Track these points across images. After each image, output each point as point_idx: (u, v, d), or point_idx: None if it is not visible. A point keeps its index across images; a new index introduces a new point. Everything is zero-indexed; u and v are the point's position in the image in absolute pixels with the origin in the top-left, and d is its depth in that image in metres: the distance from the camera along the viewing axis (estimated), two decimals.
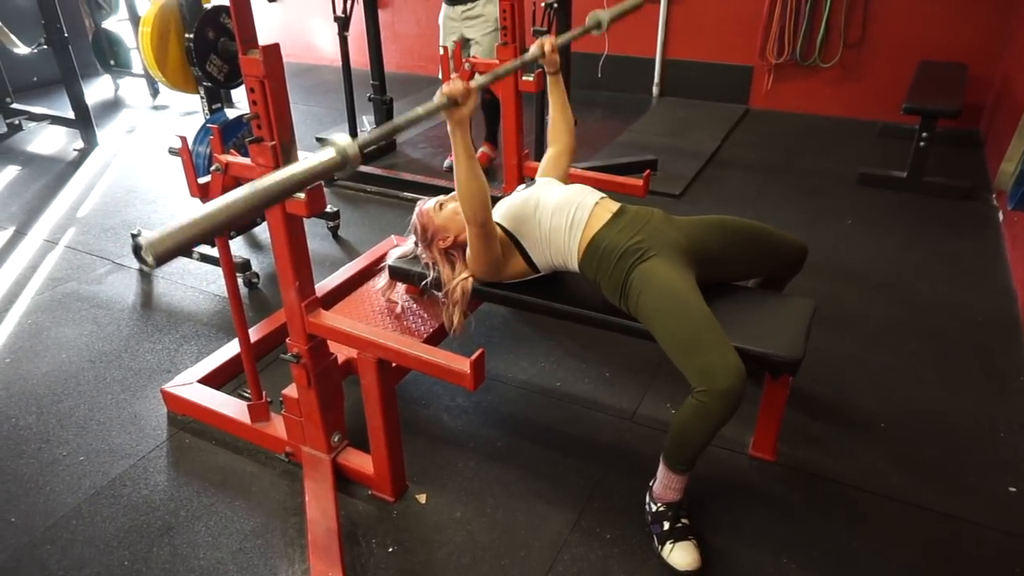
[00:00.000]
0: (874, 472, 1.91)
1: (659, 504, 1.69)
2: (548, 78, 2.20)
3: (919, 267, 2.91)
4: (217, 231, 1.00)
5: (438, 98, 1.59)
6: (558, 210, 1.88)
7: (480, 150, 4.37)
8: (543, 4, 3.44)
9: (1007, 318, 2.55)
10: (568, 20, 3.48)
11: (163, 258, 0.94)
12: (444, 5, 3.94)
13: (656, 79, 5.23)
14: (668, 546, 1.64)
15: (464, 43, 3.87)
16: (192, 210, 0.99)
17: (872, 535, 1.73)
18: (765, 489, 1.87)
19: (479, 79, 1.75)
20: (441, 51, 2.73)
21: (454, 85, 1.61)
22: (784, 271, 2.03)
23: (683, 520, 1.67)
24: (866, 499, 1.83)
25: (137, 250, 0.95)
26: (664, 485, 1.68)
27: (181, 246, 0.96)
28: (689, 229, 1.88)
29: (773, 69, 4.78)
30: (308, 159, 1.19)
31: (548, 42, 2.08)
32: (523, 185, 2.11)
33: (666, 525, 1.66)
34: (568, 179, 2.22)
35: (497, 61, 2.63)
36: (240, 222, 1.36)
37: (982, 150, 4.10)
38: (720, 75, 4.99)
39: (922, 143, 3.46)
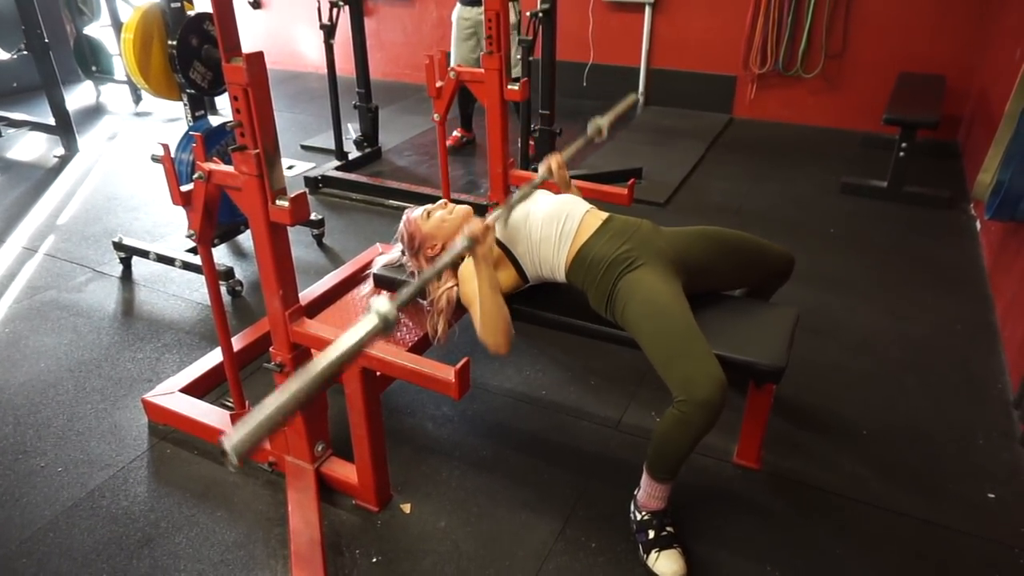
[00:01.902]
0: (857, 479, 1.92)
1: (644, 513, 1.69)
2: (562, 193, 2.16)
3: (900, 275, 2.95)
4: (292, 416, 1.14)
5: (460, 241, 1.67)
6: (548, 220, 1.89)
7: (453, 133, 4.45)
8: (528, 13, 3.46)
9: (985, 325, 2.59)
10: (553, 29, 3.50)
11: (245, 455, 1.03)
12: (458, 4, 3.93)
13: (641, 88, 5.27)
14: (653, 555, 1.64)
15: (477, 45, 3.91)
16: (267, 404, 1.06)
17: (855, 542, 1.74)
18: (749, 497, 1.88)
19: (497, 215, 1.83)
20: (448, 59, 2.73)
21: (473, 226, 1.69)
22: (771, 281, 2.05)
23: (668, 528, 1.67)
24: (849, 506, 1.84)
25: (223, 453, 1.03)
26: (648, 494, 1.68)
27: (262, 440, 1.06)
28: (676, 239, 1.89)
29: (756, 79, 4.84)
30: (353, 333, 1.22)
31: (555, 161, 2.09)
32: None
33: (651, 534, 1.66)
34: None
35: (483, 70, 2.63)
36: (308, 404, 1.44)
37: (960, 161, 4.16)
38: (704, 84, 5.03)
39: (902, 153, 3.51)
